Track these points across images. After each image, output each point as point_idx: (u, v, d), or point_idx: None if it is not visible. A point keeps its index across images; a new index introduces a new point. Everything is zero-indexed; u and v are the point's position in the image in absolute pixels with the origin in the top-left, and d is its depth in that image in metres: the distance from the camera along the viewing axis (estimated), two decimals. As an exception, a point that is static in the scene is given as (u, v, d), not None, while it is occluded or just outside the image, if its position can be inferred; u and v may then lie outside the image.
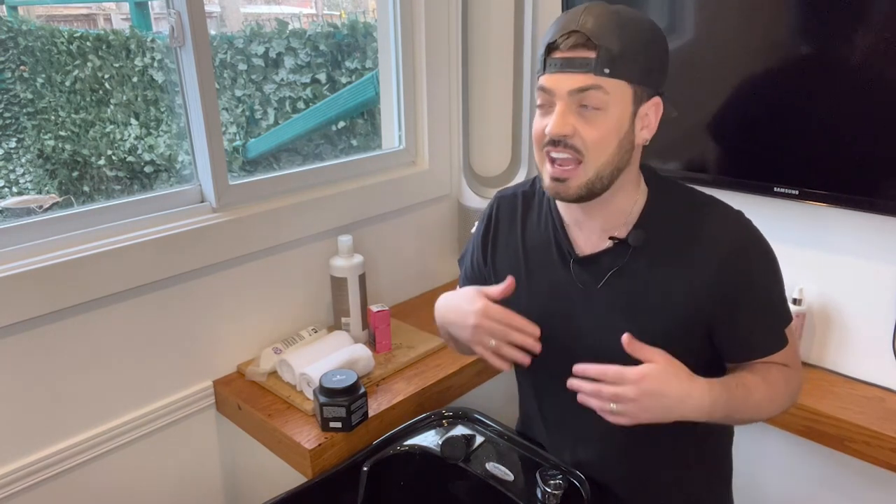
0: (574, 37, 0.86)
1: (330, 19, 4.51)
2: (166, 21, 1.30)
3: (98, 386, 1.29)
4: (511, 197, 1.10)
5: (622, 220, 0.97)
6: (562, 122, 0.87)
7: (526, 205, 1.08)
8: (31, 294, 1.15)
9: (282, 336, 1.55)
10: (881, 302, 1.35)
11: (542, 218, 1.05)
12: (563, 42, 0.86)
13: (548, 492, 1.03)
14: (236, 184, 1.43)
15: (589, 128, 0.87)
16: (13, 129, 4.15)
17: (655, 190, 0.98)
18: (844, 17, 1.21)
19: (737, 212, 0.96)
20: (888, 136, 1.21)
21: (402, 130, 1.78)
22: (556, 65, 0.87)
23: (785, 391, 0.96)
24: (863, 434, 1.25)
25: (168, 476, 1.43)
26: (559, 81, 0.87)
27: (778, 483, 1.54)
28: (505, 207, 1.10)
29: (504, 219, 1.09)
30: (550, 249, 1.02)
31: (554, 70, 0.87)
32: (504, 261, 1.08)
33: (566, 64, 0.86)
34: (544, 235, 1.04)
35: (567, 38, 0.86)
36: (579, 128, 0.87)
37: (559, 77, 0.87)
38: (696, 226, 0.95)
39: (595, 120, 0.87)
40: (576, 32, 0.85)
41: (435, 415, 1.28)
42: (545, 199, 1.05)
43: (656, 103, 0.92)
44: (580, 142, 0.87)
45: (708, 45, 1.39)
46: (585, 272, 0.99)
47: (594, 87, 0.86)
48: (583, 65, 0.85)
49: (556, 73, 0.87)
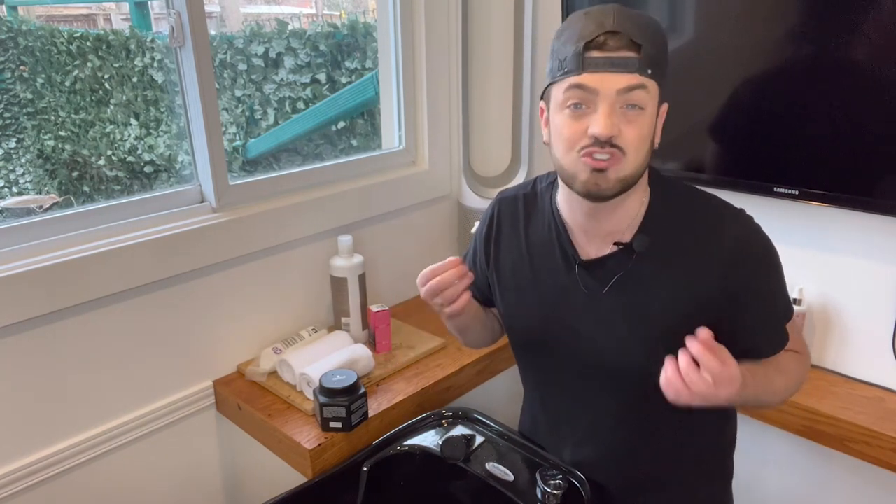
0: (617, 37, 0.84)
1: (330, 19, 4.51)
2: (166, 21, 1.30)
3: (98, 386, 1.29)
4: (512, 199, 1.09)
5: (627, 224, 0.96)
6: (610, 123, 0.85)
7: (528, 207, 1.07)
8: (31, 294, 1.15)
9: (282, 336, 1.55)
10: (881, 302, 1.35)
11: (545, 221, 1.04)
12: (605, 41, 0.85)
13: (548, 492, 1.03)
14: (236, 184, 1.43)
15: (631, 127, 0.86)
16: (13, 129, 4.15)
17: (658, 191, 0.98)
18: (844, 17, 1.21)
19: (738, 210, 0.96)
20: (888, 136, 1.21)
21: (402, 130, 1.78)
22: (600, 64, 0.85)
23: (797, 376, 1.00)
24: (863, 434, 1.25)
25: (168, 476, 1.43)
26: (605, 81, 0.85)
27: (778, 483, 1.54)
28: (506, 209, 1.09)
29: (506, 221, 1.09)
30: (554, 253, 1.02)
31: (597, 69, 0.85)
32: (507, 263, 1.08)
33: (611, 63, 0.85)
34: (547, 239, 1.03)
35: (608, 38, 0.85)
36: (622, 128, 0.86)
37: (605, 77, 0.85)
38: (699, 227, 0.95)
39: (636, 119, 0.87)
40: (617, 33, 0.84)
41: (435, 415, 1.28)
42: (547, 203, 1.05)
43: (664, 110, 0.93)
44: (623, 142, 0.86)
45: (708, 45, 1.39)
46: (590, 276, 0.99)
47: (640, 86, 0.85)
48: (629, 65, 0.84)
49: (600, 73, 0.85)
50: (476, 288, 1.16)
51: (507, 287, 1.08)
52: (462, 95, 1.79)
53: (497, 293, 1.10)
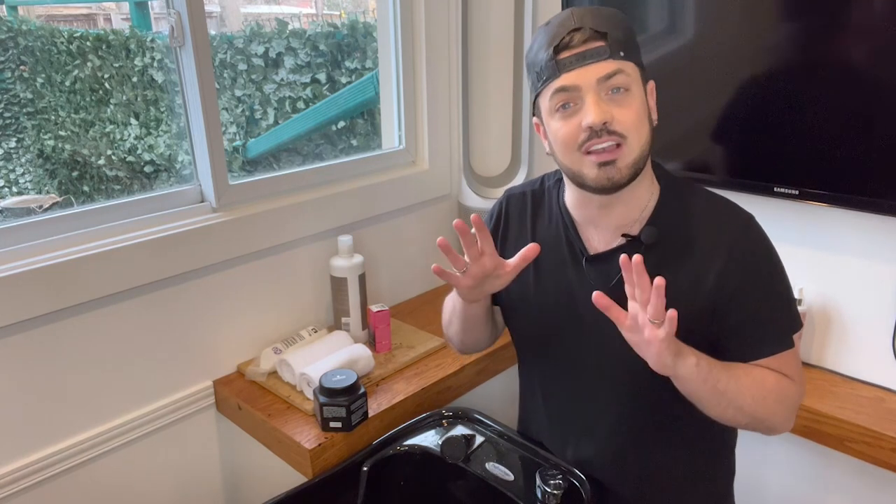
0: (580, 32, 0.87)
1: (330, 19, 4.51)
2: (166, 21, 1.30)
3: (98, 386, 1.29)
4: (520, 195, 1.10)
5: (637, 216, 0.97)
6: (599, 110, 0.87)
7: (535, 204, 1.08)
8: (31, 294, 1.15)
9: (282, 336, 1.55)
10: (881, 302, 1.35)
11: (553, 217, 1.05)
12: (571, 40, 0.87)
13: (548, 492, 1.03)
14: (236, 184, 1.43)
15: (623, 110, 0.88)
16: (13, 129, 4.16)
17: (668, 188, 0.99)
18: (845, 17, 1.21)
19: (748, 215, 0.96)
20: (888, 136, 1.21)
21: (402, 130, 1.78)
22: (572, 61, 0.88)
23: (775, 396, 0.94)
24: (863, 434, 1.25)
25: (168, 476, 1.43)
26: (583, 75, 0.87)
27: (778, 483, 1.54)
28: (514, 205, 1.10)
29: (514, 216, 1.10)
30: (562, 248, 1.03)
31: (572, 67, 0.88)
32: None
33: (583, 57, 0.87)
34: (555, 234, 1.04)
35: (573, 35, 0.87)
36: (614, 112, 0.88)
37: (581, 71, 0.87)
38: (706, 224, 0.95)
39: (625, 102, 0.88)
40: (580, 29, 0.87)
41: (435, 415, 1.28)
42: (555, 199, 1.06)
43: (653, 87, 0.95)
44: (619, 126, 0.88)
45: (708, 45, 1.39)
46: (597, 270, 0.99)
47: (618, 70, 0.87)
48: (599, 54, 0.87)
49: (575, 69, 0.87)
50: None
51: (514, 283, 1.08)
52: (462, 95, 1.79)
53: (503, 290, 1.10)
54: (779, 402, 0.93)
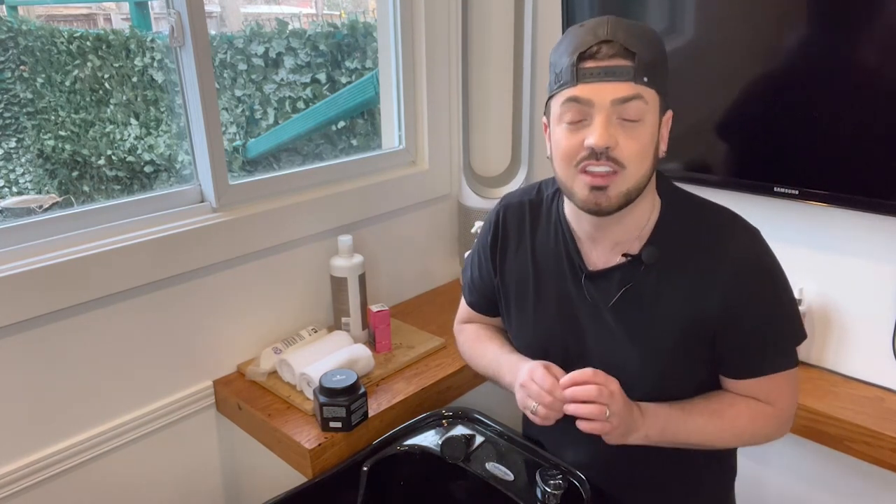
0: (609, 45, 0.83)
1: (330, 19, 4.52)
2: (166, 21, 1.30)
3: (98, 386, 1.29)
4: (517, 206, 1.08)
5: (636, 234, 0.95)
6: (606, 134, 0.83)
7: (534, 214, 1.06)
8: (31, 294, 1.15)
9: (282, 336, 1.55)
10: (881, 302, 1.35)
11: (552, 230, 1.03)
12: (598, 51, 0.84)
13: (548, 492, 1.03)
14: (236, 184, 1.43)
15: (630, 140, 0.85)
16: (13, 129, 4.16)
17: (668, 203, 0.96)
18: (845, 17, 1.21)
19: (753, 231, 0.94)
20: (888, 136, 1.21)
21: (402, 130, 1.78)
22: (594, 74, 0.83)
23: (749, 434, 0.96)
24: (863, 434, 1.25)
25: (168, 476, 1.43)
26: (599, 91, 0.83)
27: (778, 483, 1.54)
28: (512, 216, 1.08)
29: (512, 227, 1.07)
30: (561, 263, 1.01)
31: (591, 80, 0.84)
32: (513, 272, 1.07)
33: (604, 73, 0.83)
34: (554, 248, 1.02)
35: (601, 46, 0.83)
36: (620, 140, 0.84)
37: (599, 87, 0.83)
38: (707, 241, 0.93)
39: (635, 132, 0.85)
40: (610, 42, 0.83)
41: (435, 415, 1.28)
42: (554, 210, 1.03)
43: (669, 117, 0.91)
44: (620, 154, 0.85)
45: (708, 45, 1.39)
46: (596, 288, 0.98)
47: (636, 96, 0.83)
48: (622, 73, 0.83)
49: (595, 83, 0.84)
50: (483, 296, 1.16)
51: (513, 296, 1.07)
52: (462, 95, 1.79)
53: (503, 302, 1.10)
54: (754, 436, 0.97)
